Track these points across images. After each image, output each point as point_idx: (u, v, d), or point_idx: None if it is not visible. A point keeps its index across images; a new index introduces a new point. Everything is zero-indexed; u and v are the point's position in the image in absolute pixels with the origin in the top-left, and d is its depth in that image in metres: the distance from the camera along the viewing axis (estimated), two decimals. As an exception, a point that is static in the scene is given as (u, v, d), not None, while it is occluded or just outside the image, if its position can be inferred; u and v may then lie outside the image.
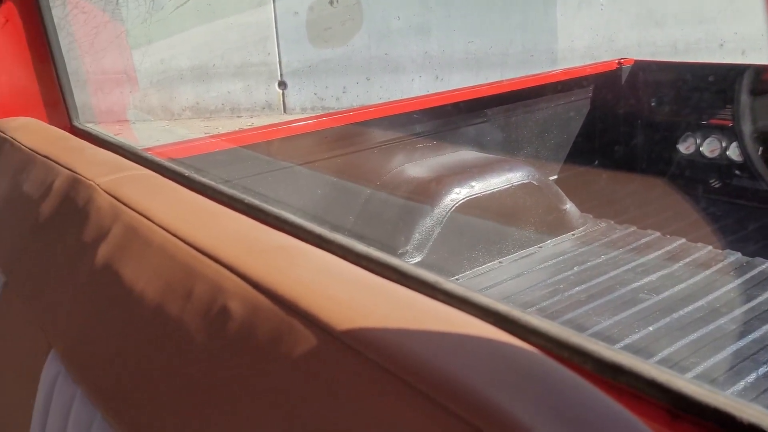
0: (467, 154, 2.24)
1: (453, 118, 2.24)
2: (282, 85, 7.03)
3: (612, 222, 2.25)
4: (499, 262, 2.07)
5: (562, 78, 2.44)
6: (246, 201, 0.87)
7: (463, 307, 0.54)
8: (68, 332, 0.74)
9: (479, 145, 2.30)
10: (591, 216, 2.29)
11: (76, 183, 0.90)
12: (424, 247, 2.02)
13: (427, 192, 2.00)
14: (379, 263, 0.64)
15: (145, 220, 0.73)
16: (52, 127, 1.29)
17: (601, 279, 1.91)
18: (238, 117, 6.99)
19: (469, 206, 2.03)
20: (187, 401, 0.55)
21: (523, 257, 2.09)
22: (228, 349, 0.54)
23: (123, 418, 0.60)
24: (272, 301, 0.52)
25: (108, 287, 0.71)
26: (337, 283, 0.53)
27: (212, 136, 1.78)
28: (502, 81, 2.37)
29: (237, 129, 2.04)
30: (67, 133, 1.23)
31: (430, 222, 2.02)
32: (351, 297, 0.50)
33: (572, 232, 2.20)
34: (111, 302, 0.69)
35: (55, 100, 1.49)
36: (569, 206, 2.22)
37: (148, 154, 1.10)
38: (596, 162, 2.58)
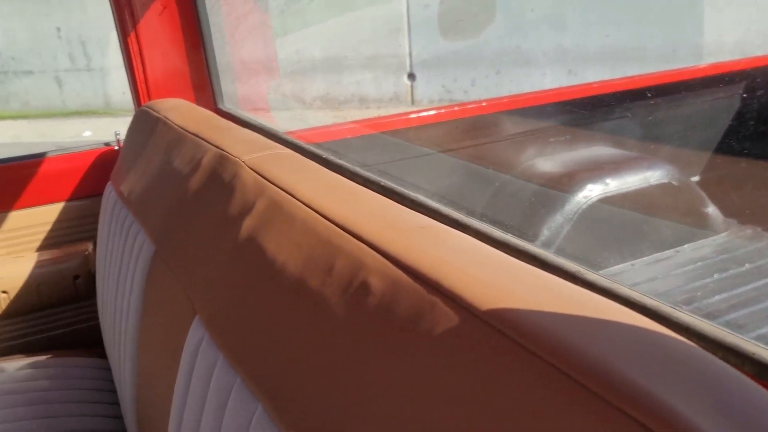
0: (602, 150, 2.15)
1: (589, 113, 2.16)
2: (411, 77, 7.08)
3: (759, 229, 2.09)
4: (632, 265, 1.98)
5: (711, 73, 2.29)
6: (382, 183, 0.88)
7: (609, 297, 0.52)
8: (212, 300, 0.78)
9: (616, 141, 2.20)
10: (735, 221, 2.13)
11: (223, 160, 0.94)
12: (553, 244, 1.97)
13: (558, 187, 1.94)
14: (518, 249, 0.63)
15: (288, 196, 0.75)
16: (200, 108, 1.36)
17: (744, 289, 1.78)
18: (366, 108, 7.11)
19: (602, 204, 1.95)
20: (324, 371, 0.56)
21: (657, 261, 1.98)
22: (367, 324, 0.54)
23: (262, 384, 0.62)
24: (413, 279, 0.52)
25: (251, 259, 0.73)
26: (478, 264, 0.52)
27: (347, 123, 1.82)
28: (643, 74, 2.26)
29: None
30: (214, 114, 1.29)
31: (560, 218, 1.96)
32: (493, 278, 0.49)
33: (713, 237, 2.06)
34: (254, 273, 0.72)
35: (203, 84, 1.56)
36: (711, 209, 2.08)
37: (289, 137, 1.13)
38: (744, 164, 2.41)
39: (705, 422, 0.33)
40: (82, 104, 8.95)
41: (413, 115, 1.93)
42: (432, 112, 1.94)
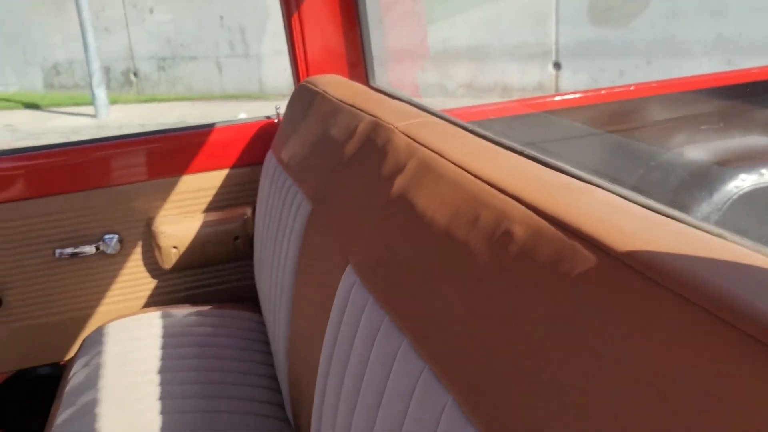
0: (759, 140, 2.05)
1: (745, 100, 2.06)
2: (556, 66, 6.93)
3: None
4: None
5: None
6: (526, 152, 0.92)
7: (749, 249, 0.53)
8: (364, 250, 0.86)
9: (775, 131, 2.08)
10: None
11: (376, 127, 1.02)
12: (698, 234, 1.90)
13: (707, 176, 1.88)
14: (658, 210, 0.65)
15: (437, 157, 0.81)
16: (354, 82, 1.45)
17: None
18: (509, 97, 7.04)
19: (756, 196, 1.86)
20: (465, 309, 0.62)
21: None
22: (509, 270, 0.59)
23: (408, 322, 0.69)
24: (555, 227, 0.57)
25: (402, 213, 0.80)
26: (621, 215, 0.56)
27: (493, 103, 1.86)
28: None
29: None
30: (368, 88, 1.37)
31: (707, 208, 1.90)
32: (632, 226, 0.53)
33: None
34: (404, 226, 0.79)
35: (357, 62, 1.66)
36: None
37: (437, 110, 1.19)
38: None
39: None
40: (239, 89, 9.53)
41: (558, 98, 1.93)
42: (578, 95, 1.93)
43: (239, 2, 9.22)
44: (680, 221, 0.63)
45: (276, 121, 1.79)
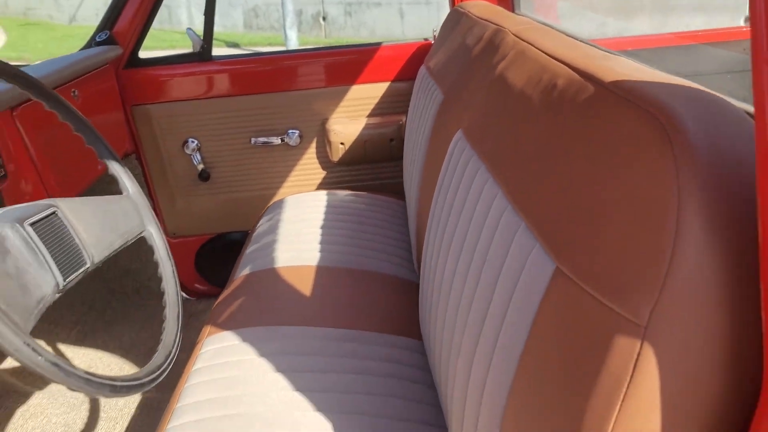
0: None
1: None
2: (748, 21, 6.54)
3: None
4: None
5: None
6: (590, 42, 1.15)
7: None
8: (472, 118, 1.15)
9: None
10: None
11: (497, 32, 1.29)
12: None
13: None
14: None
15: (529, 46, 1.08)
16: (496, 6, 1.71)
17: None
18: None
19: None
20: (534, 150, 0.89)
21: None
22: (552, 112, 0.86)
23: (499, 170, 0.97)
24: (580, 76, 0.83)
25: (498, 87, 1.09)
26: (627, 69, 0.80)
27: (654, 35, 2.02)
28: None
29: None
30: (504, 9, 1.63)
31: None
32: (627, 72, 0.78)
33: None
34: (498, 96, 1.07)
35: (505, -9, 1.91)
36: None
37: (551, 23, 1.43)
38: None
39: (685, 113, 0.61)
40: (418, 33, 9.88)
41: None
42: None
43: (424, -51, 9.45)
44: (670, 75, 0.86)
45: (431, 42, 2.09)
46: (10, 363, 1.76)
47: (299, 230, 1.73)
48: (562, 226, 0.70)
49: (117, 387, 0.77)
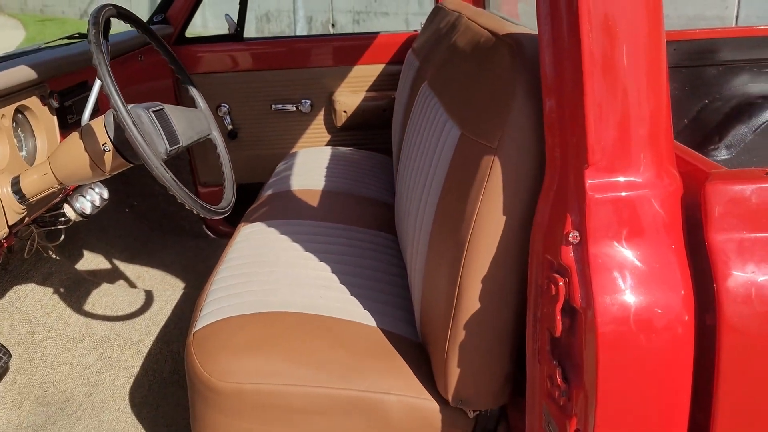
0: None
1: None
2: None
3: None
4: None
5: None
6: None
7: None
8: (433, 71, 1.67)
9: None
10: None
11: (459, 17, 1.82)
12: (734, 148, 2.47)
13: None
14: None
15: (473, 23, 1.60)
16: (468, 4, 2.23)
17: None
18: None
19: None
20: (458, 75, 1.40)
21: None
22: (472, 53, 1.38)
23: (441, 93, 1.48)
24: (490, 34, 1.35)
25: (451, 49, 1.60)
26: (515, 29, 1.32)
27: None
28: None
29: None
30: (475, 6, 2.16)
31: (744, 129, 2.46)
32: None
33: None
34: (449, 53, 1.58)
35: (476, -6, 2.44)
36: None
37: (507, 16, 1.95)
38: None
39: (528, 46, 1.12)
40: (420, 42, 10.40)
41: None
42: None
43: (430, -38, 9.97)
44: None
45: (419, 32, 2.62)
46: (83, 265, 2.27)
47: (310, 170, 2.25)
48: (466, 110, 1.22)
49: (204, 207, 1.29)
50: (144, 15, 2.53)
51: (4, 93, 1.42)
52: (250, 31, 12.60)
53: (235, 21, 2.59)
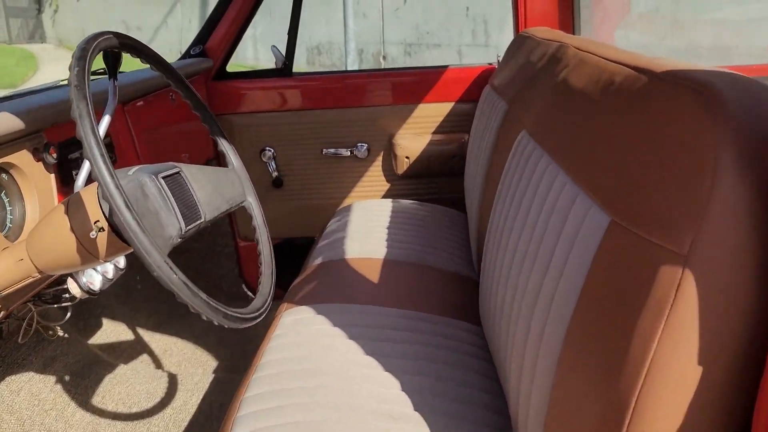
0: None
1: None
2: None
3: None
4: None
5: None
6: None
7: None
8: (535, 119, 1.28)
9: None
10: None
11: (560, 47, 1.42)
12: None
13: None
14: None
15: (590, 55, 1.20)
16: (558, 31, 1.84)
17: None
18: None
19: None
20: (592, 132, 1.01)
21: None
22: (610, 102, 0.98)
23: (560, 155, 1.09)
24: (636, 71, 0.95)
25: (562, 89, 1.21)
26: (687, 66, 0.92)
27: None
28: None
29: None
30: (566, 33, 1.77)
31: None
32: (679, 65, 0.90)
33: None
34: (563, 98, 1.19)
35: (566, 19, 2.05)
36: None
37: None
38: None
39: (723, 87, 0.72)
40: (475, 74, 10.07)
41: None
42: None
43: (486, -7, 9.70)
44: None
45: (495, 66, 2.23)
46: (98, 339, 1.92)
47: (367, 230, 1.87)
48: (615, 187, 0.82)
49: (228, 315, 0.91)
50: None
51: (-23, 149, 1.09)
52: (300, 64, 12.48)
53: (283, 54, 2.25)
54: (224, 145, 1.20)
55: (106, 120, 1.07)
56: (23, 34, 18.89)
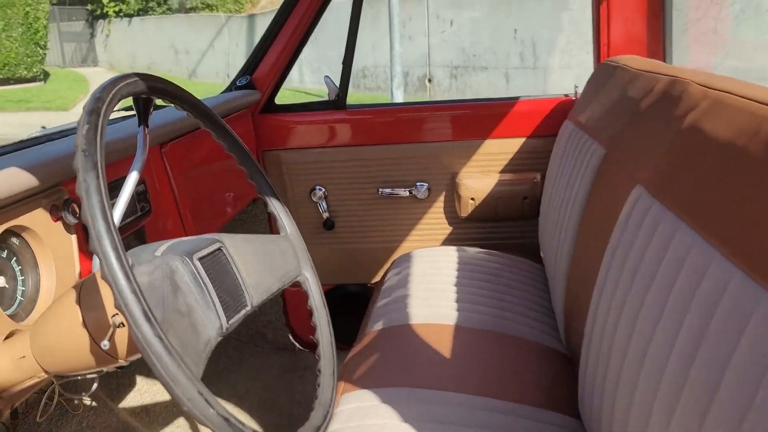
0: None
1: None
2: None
3: None
4: None
5: None
6: None
7: None
8: (654, 173, 1.04)
9: None
10: None
11: (673, 82, 1.18)
12: None
13: None
14: None
15: (727, 95, 0.96)
16: (651, 59, 1.60)
17: None
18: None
19: None
20: (750, 195, 0.77)
21: None
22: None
23: (702, 221, 0.85)
24: None
25: (694, 139, 0.97)
26: None
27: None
28: None
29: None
30: (663, 63, 1.52)
31: None
32: None
33: None
34: (697, 149, 0.95)
35: (655, 45, 1.80)
36: None
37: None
38: None
39: None
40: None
41: None
42: None
43: (534, 17, 9.49)
44: None
45: (573, 98, 1.99)
46: (131, 401, 1.73)
47: (431, 286, 1.64)
48: None
49: None
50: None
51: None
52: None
53: (337, 84, 2.06)
54: (275, 207, 0.99)
55: (133, 178, 0.88)
56: (76, 58, 19.32)
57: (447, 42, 11.05)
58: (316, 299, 0.96)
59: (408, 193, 2.09)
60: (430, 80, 11.47)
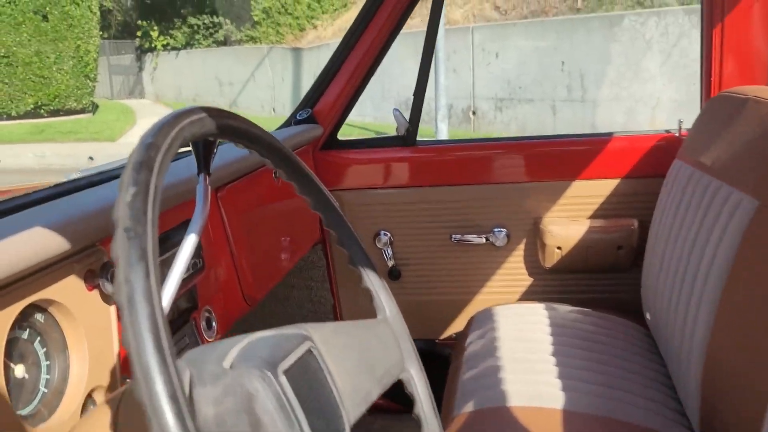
0: None
1: None
2: None
3: None
4: None
5: None
6: None
7: None
8: None
9: None
10: None
11: None
12: None
13: None
14: None
15: None
16: None
17: None
18: None
19: None
20: None
21: None
22: None
23: None
24: None
25: None
26: None
27: None
28: None
29: None
30: None
31: None
32: None
33: None
34: None
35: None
36: None
37: None
38: None
39: None
40: (571, 131, 9.51)
41: None
42: None
43: (583, 49, 9.26)
44: None
45: (677, 135, 1.75)
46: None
47: (526, 355, 1.40)
48: None
49: None
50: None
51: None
52: (389, 118, 12.26)
53: (407, 119, 1.85)
54: (371, 281, 0.76)
55: (190, 243, 0.66)
56: (124, 90, 19.63)
57: (492, 74, 10.87)
58: (424, 404, 0.73)
59: (484, 240, 1.85)
60: (474, 113, 11.28)
